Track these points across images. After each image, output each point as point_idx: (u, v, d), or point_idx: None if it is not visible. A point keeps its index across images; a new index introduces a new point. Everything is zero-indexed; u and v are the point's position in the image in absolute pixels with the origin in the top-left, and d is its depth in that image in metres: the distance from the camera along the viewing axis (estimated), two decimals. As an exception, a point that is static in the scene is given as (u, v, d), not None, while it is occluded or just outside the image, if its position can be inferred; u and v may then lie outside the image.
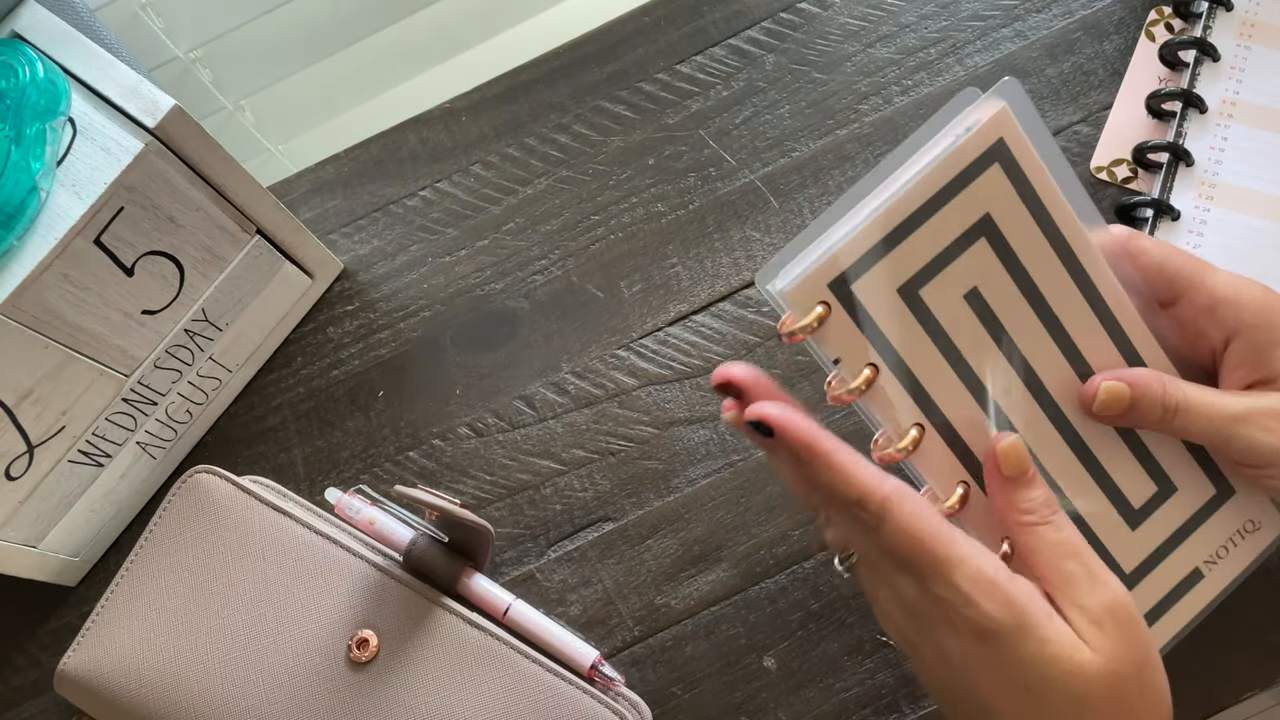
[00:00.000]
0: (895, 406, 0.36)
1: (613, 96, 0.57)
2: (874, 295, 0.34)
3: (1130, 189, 0.51)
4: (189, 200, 0.46)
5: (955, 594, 0.33)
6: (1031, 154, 0.35)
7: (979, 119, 0.34)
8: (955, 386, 0.36)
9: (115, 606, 0.45)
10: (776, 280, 0.34)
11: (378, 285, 0.56)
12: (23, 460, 0.46)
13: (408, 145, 0.58)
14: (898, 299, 0.35)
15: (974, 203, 0.35)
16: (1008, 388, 0.37)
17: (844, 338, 0.34)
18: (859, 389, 0.35)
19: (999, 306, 0.36)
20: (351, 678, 0.43)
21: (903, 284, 0.35)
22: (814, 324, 0.34)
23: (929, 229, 0.34)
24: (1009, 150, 0.34)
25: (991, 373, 0.36)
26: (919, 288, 0.35)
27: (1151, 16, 0.54)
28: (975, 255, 0.35)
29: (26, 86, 0.42)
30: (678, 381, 0.52)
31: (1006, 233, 0.35)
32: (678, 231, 0.54)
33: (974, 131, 0.34)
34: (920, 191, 0.34)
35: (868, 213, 0.34)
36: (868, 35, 0.56)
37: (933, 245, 0.35)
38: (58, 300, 0.43)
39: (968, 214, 0.35)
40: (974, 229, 0.35)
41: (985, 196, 0.35)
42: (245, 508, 0.46)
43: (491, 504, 0.51)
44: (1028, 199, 0.35)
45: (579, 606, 0.49)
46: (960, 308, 0.35)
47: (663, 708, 0.47)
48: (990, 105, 0.35)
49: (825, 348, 0.35)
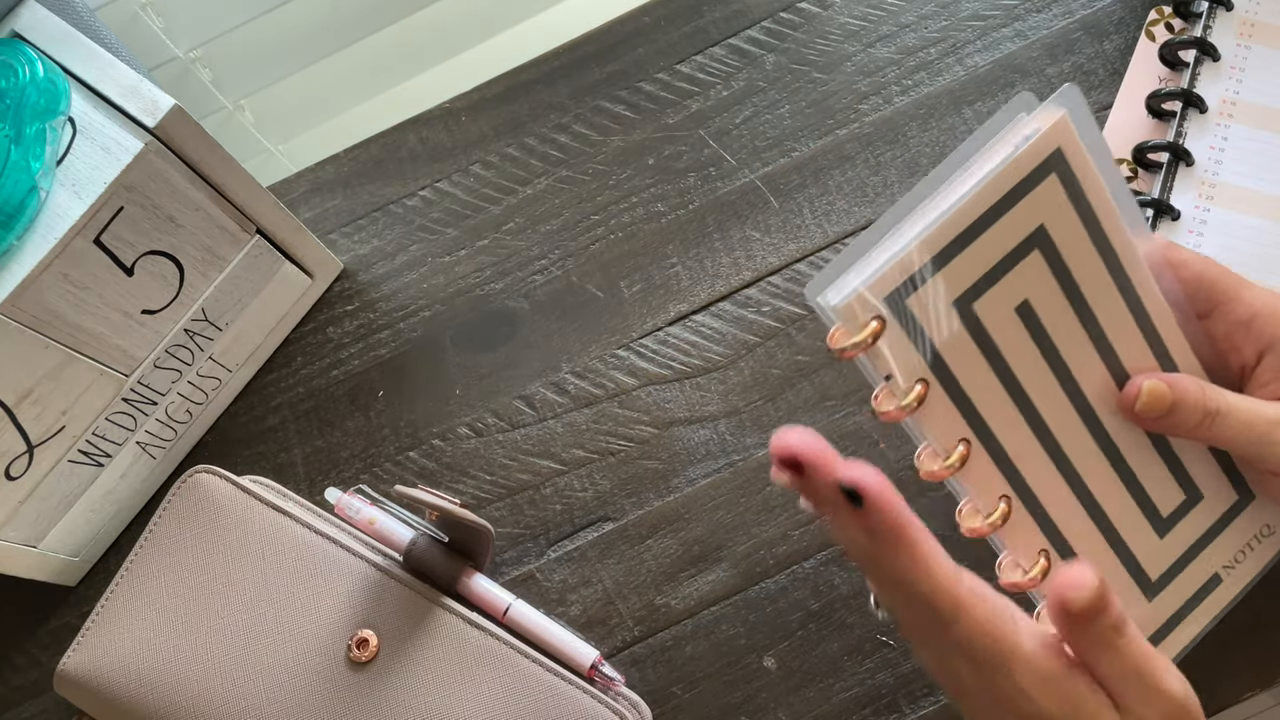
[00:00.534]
0: (943, 422, 0.34)
1: (613, 96, 0.57)
2: (929, 310, 0.33)
3: (1130, 189, 0.51)
4: (189, 200, 0.46)
5: (1014, 689, 0.32)
6: (1088, 164, 0.34)
7: (1038, 128, 0.33)
8: (1003, 401, 0.35)
9: (115, 606, 0.45)
10: (829, 293, 0.33)
11: (378, 285, 0.56)
12: (23, 460, 0.46)
13: (408, 145, 0.58)
14: (953, 313, 0.34)
15: (1030, 214, 0.34)
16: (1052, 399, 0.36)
17: (897, 353, 0.33)
18: (910, 406, 0.33)
19: (1048, 319, 0.35)
20: (351, 678, 0.43)
21: (958, 297, 0.34)
22: (868, 340, 0.32)
23: (985, 241, 0.33)
24: (1066, 160, 0.34)
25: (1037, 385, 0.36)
26: (972, 301, 0.34)
27: (1151, 16, 0.54)
28: (1029, 267, 0.34)
29: (26, 86, 0.42)
30: (678, 381, 0.52)
31: (1060, 244, 0.34)
32: (678, 231, 0.54)
33: (1033, 141, 0.33)
34: (978, 204, 0.33)
35: (924, 225, 0.33)
36: (868, 35, 0.56)
37: (988, 258, 0.34)
38: (58, 300, 0.43)
39: (1024, 225, 0.34)
40: (1028, 240, 0.34)
41: (1041, 208, 0.34)
42: (245, 508, 0.46)
43: (491, 504, 0.51)
44: (1081, 210, 0.34)
45: (579, 606, 0.49)
46: (1011, 320, 0.35)
47: (663, 708, 0.47)
48: (1049, 114, 0.34)
49: (876, 363, 0.33)
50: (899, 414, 0.34)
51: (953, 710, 0.46)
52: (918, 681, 0.46)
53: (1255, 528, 0.41)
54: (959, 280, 0.33)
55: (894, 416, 0.34)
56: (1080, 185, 0.34)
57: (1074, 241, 0.35)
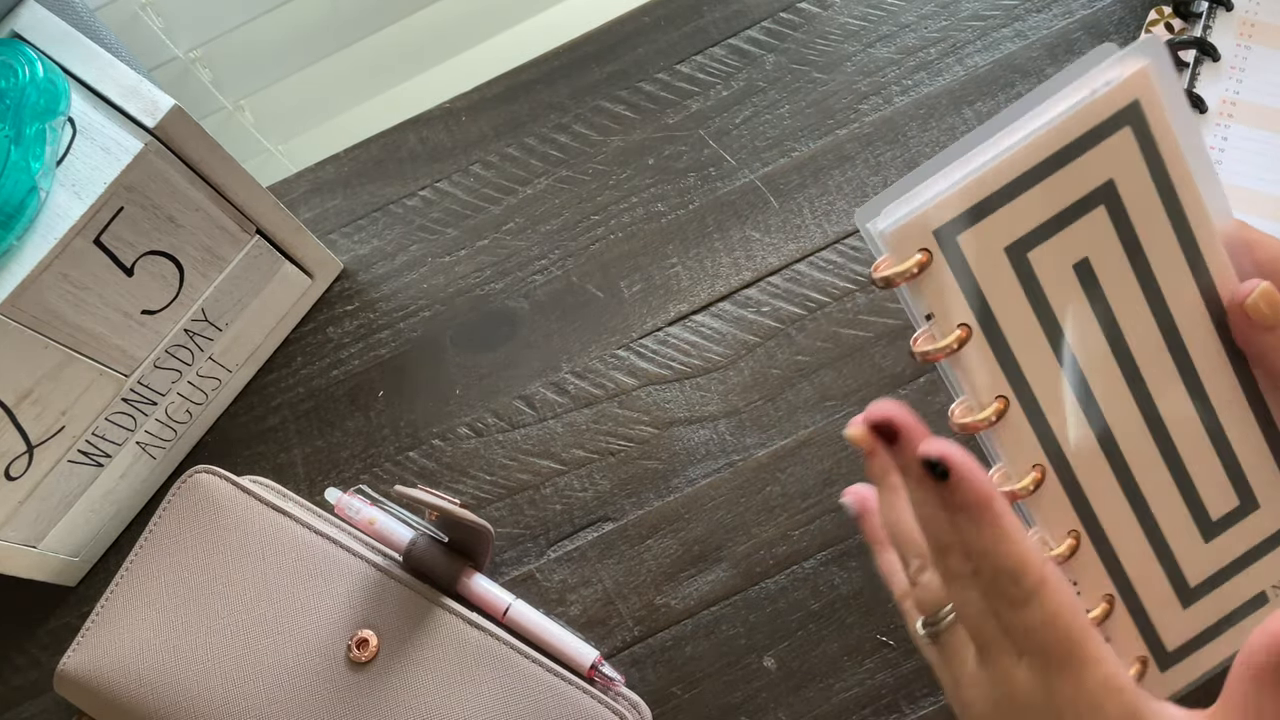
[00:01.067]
0: (982, 373, 0.33)
1: (613, 96, 0.57)
2: (980, 251, 0.32)
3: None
4: (189, 200, 0.46)
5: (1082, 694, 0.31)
6: (1166, 123, 0.32)
7: (1118, 75, 0.31)
8: (1049, 362, 0.33)
9: (115, 606, 0.45)
10: (879, 219, 0.32)
11: (378, 285, 0.56)
12: (22, 460, 0.46)
13: (408, 145, 0.58)
14: (1004, 259, 0.32)
15: (1099, 166, 0.32)
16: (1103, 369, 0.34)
17: (941, 291, 0.32)
18: (948, 348, 0.32)
19: (1107, 282, 0.33)
20: (351, 678, 0.43)
21: (1011, 243, 0.32)
22: (912, 270, 0.31)
23: (1047, 187, 0.32)
24: (1144, 115, 0.32)
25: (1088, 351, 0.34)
26: (1028, 250, 0.32)
27: (1151, 16, 0.54)
28: (1091, 223, 0.32)
29: (26, 86, 0.42)
30: (678, 381, 0.52)
31: (1128, 204, 0.32)
32: (678, 231, 0.54)
33: (1110, 88, 0.31)
34: (1044, 146, 0.31)
35: (984, 160, 0.31)
36: (868, 35, 0.56)
37: (1049, 206, 0.32)
38: (57, 300, 0.43)
39: (1090, 177, 0.32)
40: (1094, 194, 0.32)
41: (1112, 162, 0.32)
42: (245, 508, 0.46)
43: (491, 504, 0.51)
44: (1156, 172, 0.32)
45: (579, 606, 0.49)
46: (1068, 277, 0.33)
47: (663, 708, 0.47)
48: (1131, 63, 0.31)
49: (918, 299, 0.32)
50: (937, 355, 0.33)
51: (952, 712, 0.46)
52: (918, 681, 0.46)
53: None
54: (1014, 225, 0.32)
55: (932, 358, 0.33)
56: (1157, 145, 0.32)
57: (1145, 205, 0.32)
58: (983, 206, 0.31)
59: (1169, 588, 0.36)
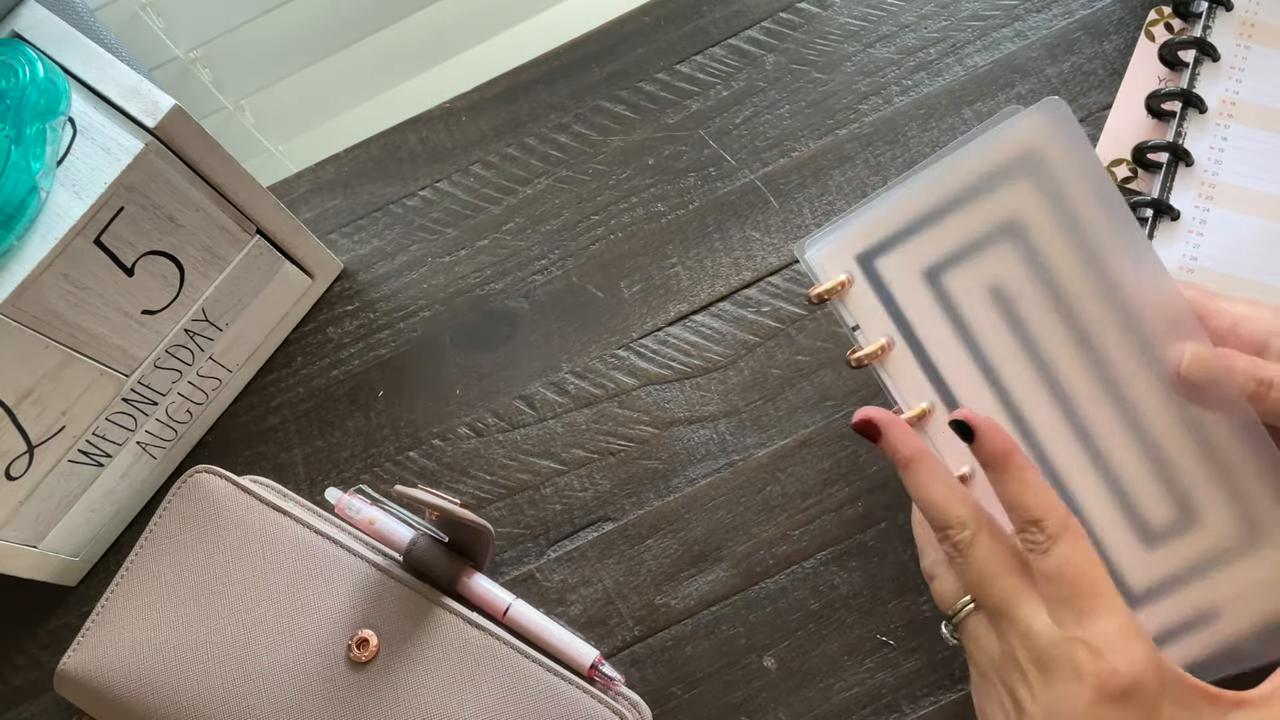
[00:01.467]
0: (907, 380, 0.39)
1: (613, 96, 0.57)
2: (897, 273, 0.39)
3: (1130, 189, 0.51)
4: (189, 200, 0.46)
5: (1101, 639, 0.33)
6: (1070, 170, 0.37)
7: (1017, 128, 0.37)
8: (971, 373, 0.39)
9: (115, 606, 0.45)
10: (811, 249, 0.40)
11: (378, 285, 0.56)
12: (23, 460, 0.46)
13: (408, 145, 0.58)
14: (921, 280, 0.38)
15: (1000, 206, 0.38)
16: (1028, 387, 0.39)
17: (864, 306, 0.39)
18: (873, 354, 0.39)
19: (1024, 307, 0.38)
20: (351, 677, 0.43)
21: (927, 268, 0.38)
22: (836, 288, 0.39)
23: (955, 220, 0.38)
24: (1044, 164, 0.37)
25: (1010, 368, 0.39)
26: (943, 272, 0.38)
27: (1151, 16, 0.54)
28: (1001, 255, 0.38)
29: (26, 86, 0.42)
30: (678, 381, 0.52)
31: (1036, 240, 0.38)
32: (678, 231, 0.54)
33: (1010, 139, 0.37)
34: (948, 182, 0.38)
35: (900, 197, 0.38)
36: (868, 35, 0.56)
37: (957, 236, 0.38)
38: (58, 300, 0.43)
39: (994, 214, 0.38)
40: (999, 230, 0.38)
41: (1015, 203, 0.38)
42: (245, 508, 0.46)
43: (491, 504, 0.51)
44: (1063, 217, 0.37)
45: (579, 606, 0.49)
46: (982, 300, 0.38)
47: (663, 708, 0.47)
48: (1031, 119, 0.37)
49: (847, 314, 0.39)
50: (864, 361, 0.39)
51: (954, 710, 0.46)
52: (918, 681, 0.46)
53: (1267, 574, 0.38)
54: (927, 252, 0.38)
55: (859, 364, 0.39)
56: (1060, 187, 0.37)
57: (1053, 243, 0.38)
58: (897, 236, 0.38)
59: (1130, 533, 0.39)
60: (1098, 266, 0.38)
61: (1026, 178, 0.37)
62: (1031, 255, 0.38)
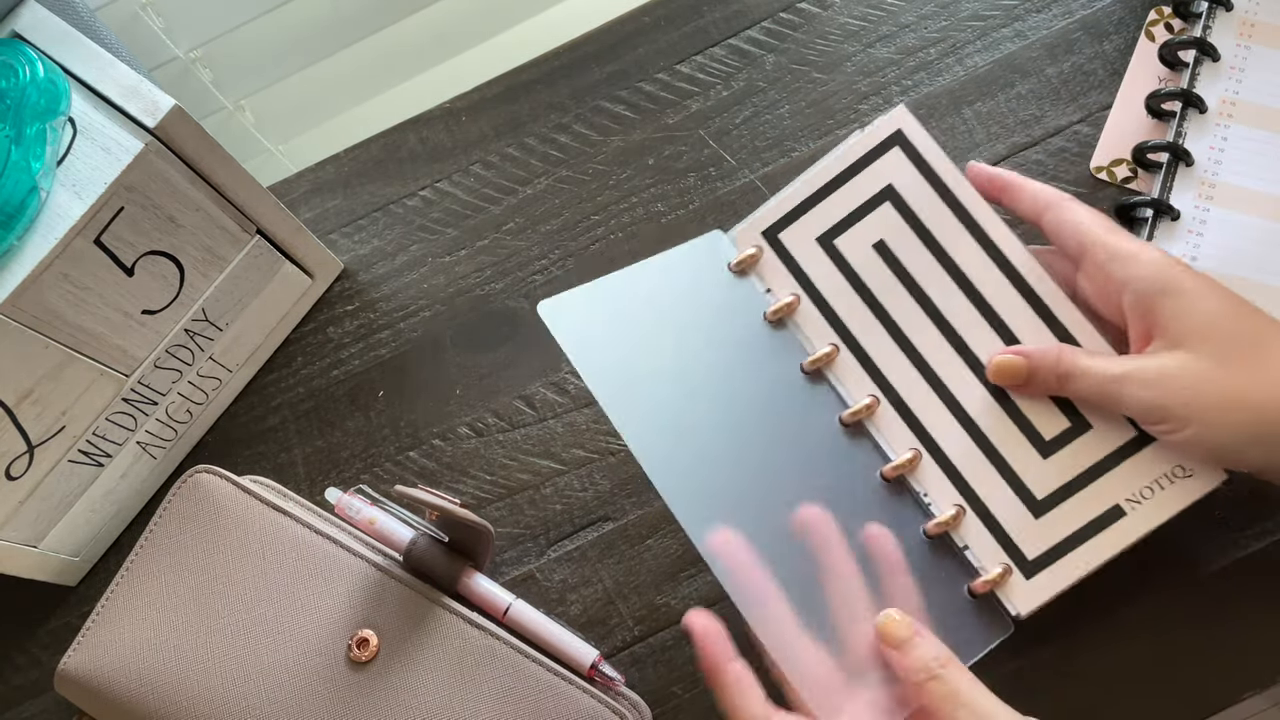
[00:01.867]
0: (815, 327, 0.46)
1: (613, 96, 0.57)
2: (797, 242, 0.47)
3: (1130, 189, 0.51)
4: (189, 200, 0.46)
5: None
6: (928, 139, 0.46)
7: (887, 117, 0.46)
8: (865, 315, 0.45)
9: (115, 606, 0.45)
10: (731, 230, 0.48)
11: (378, 285, 0.56)
12: (23, 460, 0.46)
13: (408, 145, 0.58)
14: (816, 246, 0.46)
15: (878, 176, 0.46)
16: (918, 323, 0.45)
17: (773, 273, 0.47)
18: (781, 310, 0.46)
19: (904, 256, 0.46)
20: (351, 677, 0.43)
21: (820, 234, 0.46)
22: (748, 259, 0.47)
23: (841, 194, 0.46)
24: (907, 137, 0.46)
25: (901, 310, 0.45)
26: (834, 238, 0.46)
27: (1151, 16, 0.54)
28: (881, 215, 0.46)
29: (27, 86, 0.42)
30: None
31: (908, 198, 0.46)
32: (678, 231, 0.54)
33: (877, 124, 0.46)
34: (833, 167, 0.47)
35: (796, 183, 0.47)
36: (868, 35, 0.56)
37: (844, 207, 0.46)
38: (58, 300, 0.43)
39: (873, 184, 0.46)
40: (879, 195, 0.46)
41: (887, 171, 0.46)
42: (245, 508, 0.46)
43: (491, 504, 0.51)
44: (925, 172, 0.46)
45: (579, 606, 0.49)
46: (870, 255, 0.46)
47: (663, 707, 0.47)
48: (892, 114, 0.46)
49: (760, 280, 0.47)
50: (774, 315, 0.46)
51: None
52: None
53: (1165, 467, 0.42)
54: (820, 222, 0.46)
55: (771, 317, 0.46)
56: (922, 155, 0.46)
57: (923, 198, 0.46)
58: (794, 213, 0.47)
59: (1018, 500, 0.43)
60: (965, 215, 0.45)
61: (895, 148, 0.46)
62: (906, 210, 0.46)
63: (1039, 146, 0.53)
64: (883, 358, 0.45)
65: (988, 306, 0.45)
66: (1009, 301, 0.44)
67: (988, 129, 0.54)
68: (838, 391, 0.45)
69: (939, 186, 0.45)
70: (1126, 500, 0.43)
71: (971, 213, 0.45)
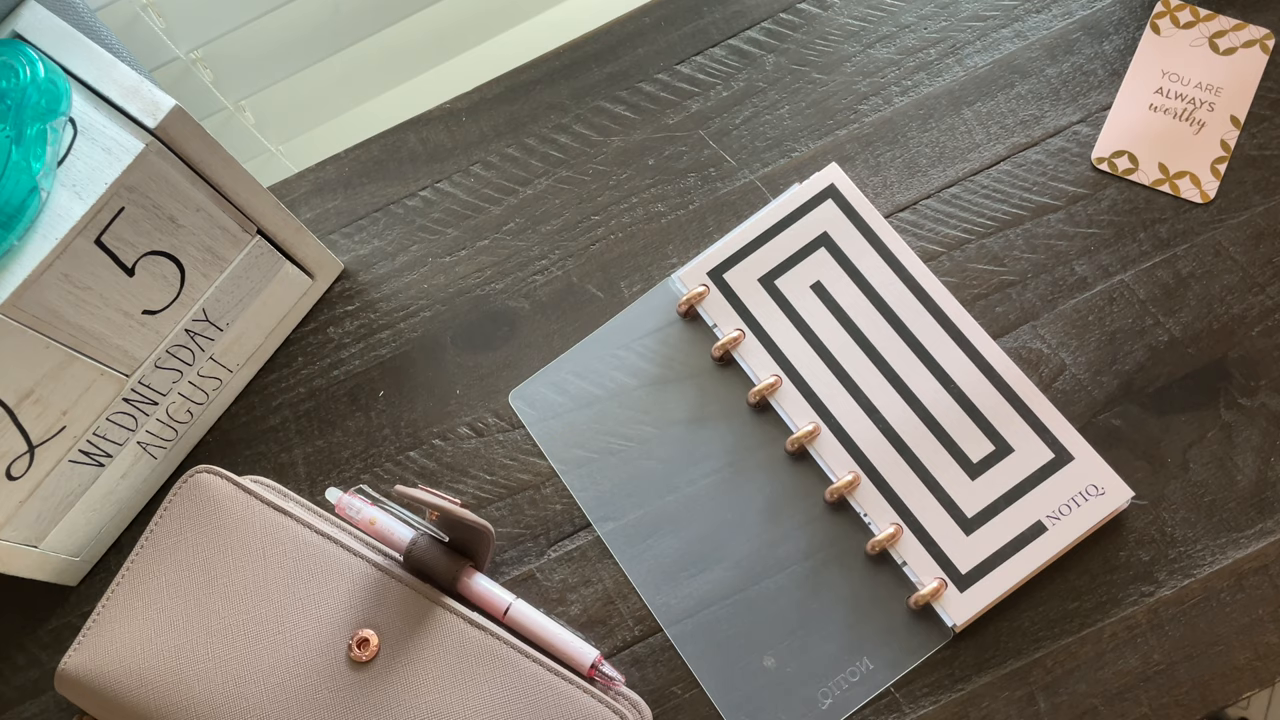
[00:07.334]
0: (758, 359, 0.50)
1: (613, 96, 0.57)
2: (741, 282, 0.51)
3: (1131, 180, 0.52)
4: (189, 200, 0.46)
5: None
6: (856, 192, 0.52)
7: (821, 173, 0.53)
8: (804, 349, 0.50)
9: (116, 606, 0.45)
10: (679, 272, 0.52)
11: (378, 285, 0.56)
12: (23, 460, 0.46)
13: (408, 145, 0.58)
14: (758, 286, 0.51)
15: (814, 224, 0.52)
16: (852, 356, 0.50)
17: (718, 310, 0.51)
18: (726, 344, 0.50)
19: (839, 295, 0.51)
20: (352, 677, 0.43)
21: (762, 275, 0.52)
22: (695, 298, 0.51)
23: (781, 240, 0.52)
24: (839, 190, 0.52)
25: (837, 344, 0.50)
26: (775, 279, 0.51)
27: (1158, 8, 0.54)
28: (818, 259, 0.51)
29: (27, 87, 0.42)
30: (678, 381, 0.52)
31: (840, 243, 0.51)
32: (678, 231, 0.54)
33: (813, 179, 0.53)
34: (774, 215, 0.52)
35: (739, 229, 0.52)
36: (867, 35, 0.56)
37: (784, 250, 0.52)
38: (58, 300, 0.43)
39: (809, 231, 0.52)
40: (815, 241, 0.52)
41: (822, 220, 0.52)
42: (246, 507, 0.46)
43: (491, 504, 0.51)
44: (857, 223, 0.52)
45: (579, 606, 0.49)
46: (808, 294, 0.51)
47: (662, 707, 0.47)
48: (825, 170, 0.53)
49: (708, 316, 0.51)
50: (718, 351, 0.50)
51: (954, 710, 0.46)
52: (918, 681, 0.46)
53: (1079, 486, 0.47)
54: (761, 265, 0.52)
55: (716, 352, 0.51)
56: (853, 205, 0.52)
57: (853, 244, 0.51)
58: (737, 255, 0.52)
59: (950, 519, 0.47)
60: (891, 259, 0.51)
61: (828, 200, 0.52)
62: (840, 255, 0.51)
63: (1039, 147, 0.53)
64: (821, 387, 0.50)
65: (913, 338, 0.50)
66: (932, 333, 0.50)
67: (987, 129, 0.54)
68: (783, 420, 0.50)
69: (867, 233, 0.51)
70: (1047, 517, 0.47)
71: (895, 255, 0.51)
